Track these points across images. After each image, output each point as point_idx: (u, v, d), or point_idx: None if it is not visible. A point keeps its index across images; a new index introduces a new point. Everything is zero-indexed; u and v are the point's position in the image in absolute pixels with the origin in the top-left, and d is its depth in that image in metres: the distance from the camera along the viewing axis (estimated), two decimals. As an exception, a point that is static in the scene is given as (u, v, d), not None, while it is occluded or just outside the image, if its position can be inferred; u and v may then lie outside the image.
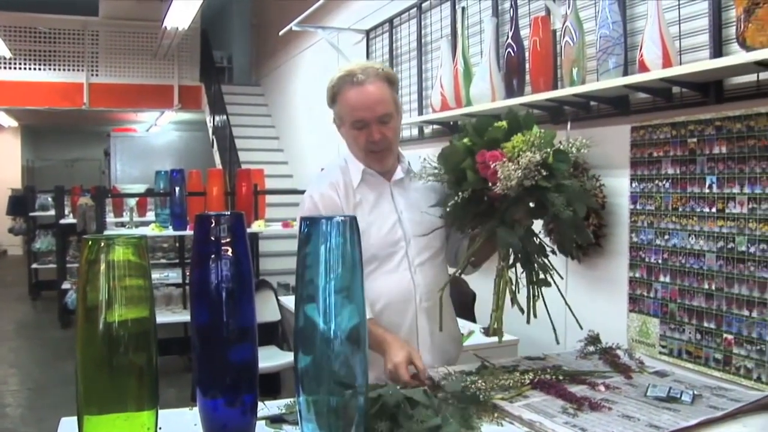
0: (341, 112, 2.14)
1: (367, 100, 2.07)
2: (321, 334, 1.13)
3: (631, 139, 2.97)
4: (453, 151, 1.93)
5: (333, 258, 1.12)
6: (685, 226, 2.70)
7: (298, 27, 6.05)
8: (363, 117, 2.07)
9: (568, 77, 3.07)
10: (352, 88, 2.08)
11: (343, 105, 2.11)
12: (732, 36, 2.39)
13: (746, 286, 2.44)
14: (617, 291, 3.04)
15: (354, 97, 2.08)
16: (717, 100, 2.56)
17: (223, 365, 1.22)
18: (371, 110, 2.07)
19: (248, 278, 1.24)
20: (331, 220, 1.12)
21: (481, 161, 1.83)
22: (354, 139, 2.12)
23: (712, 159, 2.58)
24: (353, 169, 2.16)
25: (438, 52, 4.29)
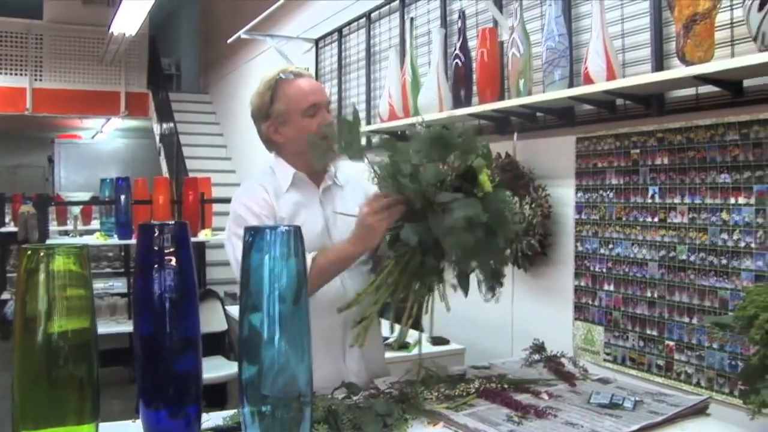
0: (286, 106, 2.08)
1: (316, 85, 2.10)
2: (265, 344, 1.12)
3: (577, 150, 3.02)
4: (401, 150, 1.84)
5: (277, 267, 1.11)
6: (629, 236, 2.75)
7: (248, 35, 6.02)
8: (317, 100, 2.07)
9: (514, 88, 3.10)
10: (296, 79, 2.09)
11: (290, 96, 2.08)
12: (673, 51, 2.45)
13: (686, 294, 2.51)
14: (563, 299, 3.09)
15: (303, 83, 2.09)
16: (659, 112, 2.62)
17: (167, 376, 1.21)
18: (321, 94, 2.09)
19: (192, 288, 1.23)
20: (275, 230, 1.12)
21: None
22: (306, 129, 2.06)
23: (654, 170, 2.64)
24: (283, 173, 2.13)
25: (387, 62, 4.31)
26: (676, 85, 2.48)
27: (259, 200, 2.07)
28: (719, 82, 2.31)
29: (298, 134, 2.09)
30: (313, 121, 2.07)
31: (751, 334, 1.42)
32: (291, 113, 2.09)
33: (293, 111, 2.09)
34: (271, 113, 2.11)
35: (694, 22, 2.22)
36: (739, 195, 2.33)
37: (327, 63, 5.56)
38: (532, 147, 3.33)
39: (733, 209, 2.35)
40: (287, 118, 2.10)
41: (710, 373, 2.41)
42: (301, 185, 2.13)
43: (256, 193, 2.09)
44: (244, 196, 2.10)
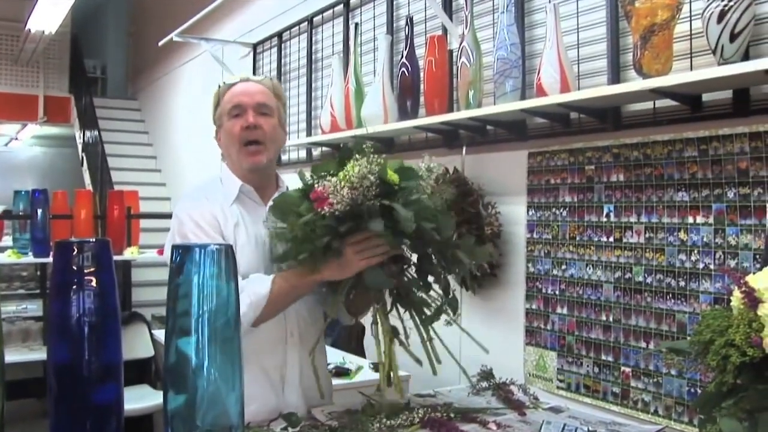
0: (221, 111, 2.17)
1: (248, 89, 2.14)
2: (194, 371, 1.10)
3: (528, 165, 3.04)
4: (285, 200, 1.97)
5: (207, 288, 1.10)
6: (583, 256, 2.78)
7: (180, 38, 5.96)
8: (240, 101, 2.12)
9: (464, 100, 3.12)
10: (236, 85, 2.17)
11: (224, 100, 2.16)
12: (630, 62, 2.49)
13: (643, 317, 2.54)
14: (514, 323, 3.10)
15: (235, 88, 2.16)
16: (615, 126, 2.66)
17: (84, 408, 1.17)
18: (250, 96, 2.13)
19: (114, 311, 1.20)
20: (205, 249, 1.10)
21: (315, 197, 1.85)
22: (229, 131, 2.12)
23: (610, 187, 2.68)
24: (229, 185, 2.14)
25: (329, 69, 4.31)
26: (633, 98, 2.52)
27: (206, 214, 2.05)
28: (677, 96, 2.36)
29: (226, 138, 2.15)
30: (236, 124, 2.11)
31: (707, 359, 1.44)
32: (222, 116, 2.16)
33: (223, 113, 2.16)
34: (215, 119, 2.21)
35: (652, 33, 2.26)
36: (697, 214, 2.38)
37: (265, 69, 5.52)
38: (481, 162, 3.35)
39: (691, 229, 2.39)
40: (221, 121, 2.17)
41: (668, 400, 2.45)
42: (246, 200, 2.14)
43: (203, 207, 2.07)
44: (190, 208, 2.08)
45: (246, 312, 1.87)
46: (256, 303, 1.91)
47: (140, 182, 8.32)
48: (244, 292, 1.87)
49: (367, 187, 1.79)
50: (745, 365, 1.33)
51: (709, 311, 1.52)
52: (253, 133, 2.10)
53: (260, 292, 1.92)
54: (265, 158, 2.13)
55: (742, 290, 1.37)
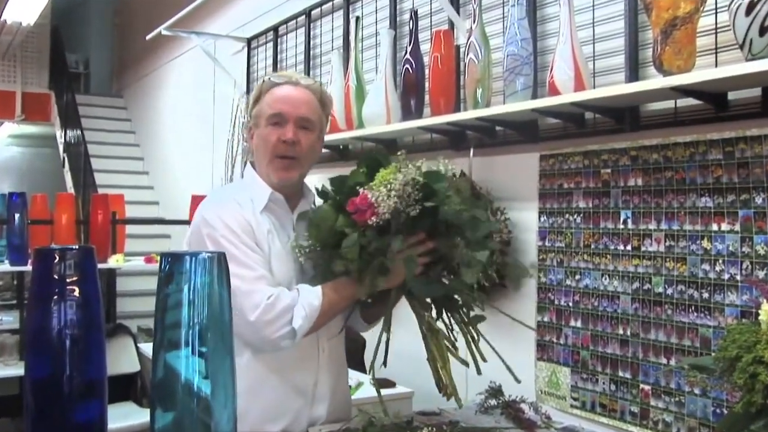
0: (260, 110, 2.15)
1: (293, 97, 2.13)
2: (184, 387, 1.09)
3: (540, 169, 3.03)
4: (321, 216, 2.01)
5: (199, 298, 1.09)
6: (598, 265, 2.77)
7: (169, 31, 5.95)
8: (282, 110, 2.10)
9: (471, 99, 3.11)
10: (283, 85, 2.15)
11: (265, 101, 2.14)
12: (649, 59, 2.48)
13: (663, 332, 2.52)
14: (524, 337, 3.07)
15: (280, 92, 2.13)
16: (632, 127, 2.65)
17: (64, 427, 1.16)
18: (294, 106, 2.11)
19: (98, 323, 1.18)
20: (196, 256, 1.09)
21: (353, 210, 1.91)
22: (264, 138, 2.12)
23: (627, 192, 2.66)
24: (257, 191, 2.13)
25: (328, 66, 4.31)
26: (653, 97, 2.51)
27: (240, 219, 2.05)
28: (701, 95, 2.35)
29: (260, 143, 2.15)
30: (273, 132, 2.11)
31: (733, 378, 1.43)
32: (260, 117, 2.14)
33: (262, 115, 2.14)
34: (251, 114, 2.19)
35: (674, 27, 2.25)
36: (722, 221, 2.36)
37: (260, 66, 5.53)
38: (490, 165, 3.33)
39: (716, 237, 2.38)
40: (258, 122, 2.16)
41: (691, 421, 2.43)
42: (274, 208, 2.14)
43: (236, 210, 2.07)
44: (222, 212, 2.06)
45: (302, 325, 1.95)
46: (310, 315, 1.97)
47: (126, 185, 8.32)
48: (298, 304, 1.96)
49: (409, 194, 1.87)
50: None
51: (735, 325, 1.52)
52: (290, 149, 2.11)
53: (314, 303, 1.98)
54: (296, 174, 2.15)
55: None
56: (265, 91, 2.15)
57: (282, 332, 1.94)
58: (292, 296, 1.97)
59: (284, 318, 1.94)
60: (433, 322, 2.05)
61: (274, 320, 1.93)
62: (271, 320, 1.92)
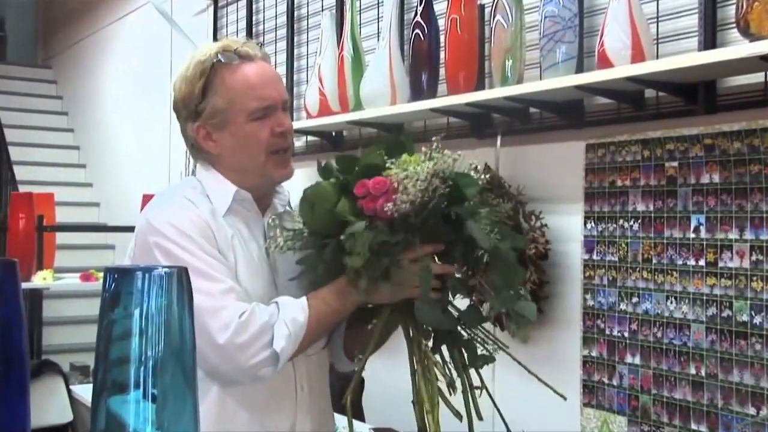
0: (227, 103, 2.10)
1: (271, 76, 2.15)
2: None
3: (587, 162, 3.03)
4: (319, 194, 1.99)
5: (153, 327, 1.08)
6: (662, 285, 2.76)
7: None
8: (272, 98, 2.11)
9: (499, 73, 3.11)
10: (243, 65, 2.12)
11: (234, 88, 2.10)
12: (731, 19, 2.46)
13: (750, 372, 2.50)
14: (566, 376, 3.07)
15: (251, 73, 2.11)
16: (708, 108, 2.63)
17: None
18: (278, 88, 2.14)
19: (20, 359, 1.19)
20: (150, 272, 1.06)
21: (363, 193, 1.90)
22: (253, 135, 2.10)
23: (700, 191, 2.65)
24: (218, 191, 2.14)
25: (317, 31, 4.32)
26: (735, 69, 2.50)
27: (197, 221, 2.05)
28: None
29: (241, 144, 2.12)
30: (264, 127, 2.10)
31: None
32: (232, 114, 2.10)
33: (236, 111, 2.10)
34: (202, 111, 2.12)
35: (767, -22, 2.24)
36: (825, 228, 2.35)
37: (230, 30, 5.55)
38: (522, 157, 3.33)
39: (816, 249, 2.37)
40: (227, 119, 2.11)
41: (783, 487, 2.42)
42: (240, 210, 2.15)
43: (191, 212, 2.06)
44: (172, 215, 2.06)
45: (285, 346, 1.94)
46: (295, 334, 1.97)
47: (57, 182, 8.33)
48: (279, 320, 1.95)
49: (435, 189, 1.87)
50: None
51: None
52: (286, 140, 2.14)
53: (298, 319, 1.98)
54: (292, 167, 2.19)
55: None
56: (219, 78, 2.11)
57: (260, 357, 1.94)
58: (270, 311, 1.97)
59: (262, 339, 1.93)
60: (431, 357, 2.04)
61: (250, 343, 1.92)
62: (245, 343, 1.92)
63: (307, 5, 4.74)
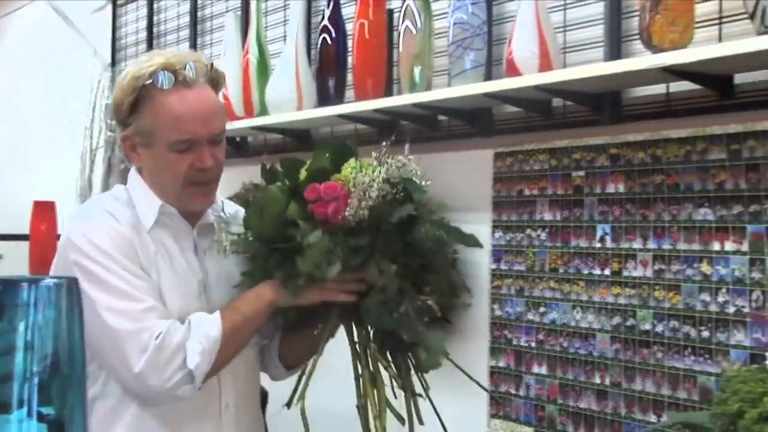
0: (151, 126, 2.06)
1: (201, 110, 2.07)
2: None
3: (495, 170, 3.06)
4: (268, 198, 2.02)
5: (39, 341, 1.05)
6: (568, 295, 2.79)
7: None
8: (196, 133, 2.05)
9: (407, 79, 3.12)
10: (176, 92, 2.05)
11: (159, 116, 2.05)
12: (635, 30, 2.50)
13: (652, 380, 2.54)
14: (474, 387, 3.06)
15: (180, 103, 2.05)
16: (613, 118, 2.67)
17: None
18: (206, 124, 2.07)
19: None
20: (37, 283, 1.04)
21: (314, 197, 1.94)
22: (171, 165, 2.07)
23: (606, 200, 2.69)
24: (144, 205, 2.12)
25: (221, 33, 4.29)
26: (639, 79, 2.54)
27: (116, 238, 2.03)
28: (700, 78, 2.38)
29: (160, 169, 2.10)
30: (182, 160, 2.06)
31: None
32: (155, 138, 2.07)
33: (158, 137, 2.06)
34: (129, 124, 2.10)
35: (668, -10, 2.28)
36: (725, 238, 2.39)
37: (130, 30, 5.49)
38: (430, 164, 3.30)
39: (718, 259, 2.41)
40: (150, 141, 2.08)
41: (685, 495, 2.45)
42: (167, 224, 2.13)
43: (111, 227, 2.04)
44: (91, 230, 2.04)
45: (200, 363, 1.93)
46: (209, 349, 1.96)
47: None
48: (192, 338, 1.94)
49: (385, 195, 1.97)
50: None
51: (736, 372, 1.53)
52: (209, 174, 2.10)
53: (211, 334, 1.97)
54: (215, 195, 2.18)
55: None
56: (149, 99, 2.06)
57: (176, 378, 1.93)
58: (184, 330, 1.96)
59: (176, 360, 1.92)
60: (380, 360, 2.09)
61: (165, 365, 1.91)
62: (161, 366, 1.91)
63: (211, 6, 4.72)
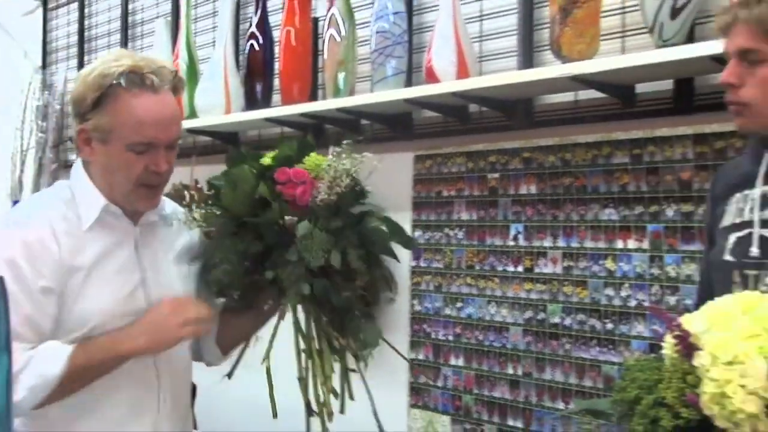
0: (111, 125, 2.02)
1: (165, 116, 2.04)
2: None
3: (415, 172, 3.11)
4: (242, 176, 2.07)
5: None
6: (484, 291, 2.86)
7: None
8: (155, 138, 2.02)
9: (331, 85, 3.16)
10: (142, 95, 2.02)
11: (122, 116, 2.01)
12: (546, 41, 2.57)
13: (561, 370, 2.62)
14: (395, 378, 3.10)
15: (145, 106, 2.02)
16: (525, 124, 2.75)
17: None
18: (167, 130, 2.04)
19: None
20: None
21: (284, 179, 2.02)
22: (126, 164, 2.03)
23: (519, 201, 2.76)
24: (87, 203, 2.08)
25: (151, 37, 4.26)
26: (549, 87, 2.61)
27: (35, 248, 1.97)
28: (605, 86, 2.45)
29: (114, 167, 2.06)
30: (139, 161, 2.03)
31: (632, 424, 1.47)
32: (114, 136, 2.03)
33: (117, 137, 2.03)
34: (89, 119, 2.05)
35: (575, 5, 2.35)
36: (628, 237, 2.48)
37: (61, 34, 5.40)
38: (354, 166, 3.34)
39: (621, 256, 2.49)
40: (108, 138, 2.04)
41: (592, 476, 2.53)
42: (110, 222, 2.09)
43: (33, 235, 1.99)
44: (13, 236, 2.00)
45: (25, 397, 1.86)
46: (39, 387, 1.89)
47: None
48: (27, 370, 1.86)
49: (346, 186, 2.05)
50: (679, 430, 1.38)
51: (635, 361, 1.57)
52: (158, 178, 2.07)
53: (48, 373, 1.89)
54: (161, 197, 2.15)
55: (674, 335, 1.42)
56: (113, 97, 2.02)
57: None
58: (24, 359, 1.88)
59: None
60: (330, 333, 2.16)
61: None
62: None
63: (142, 11, 4.66)
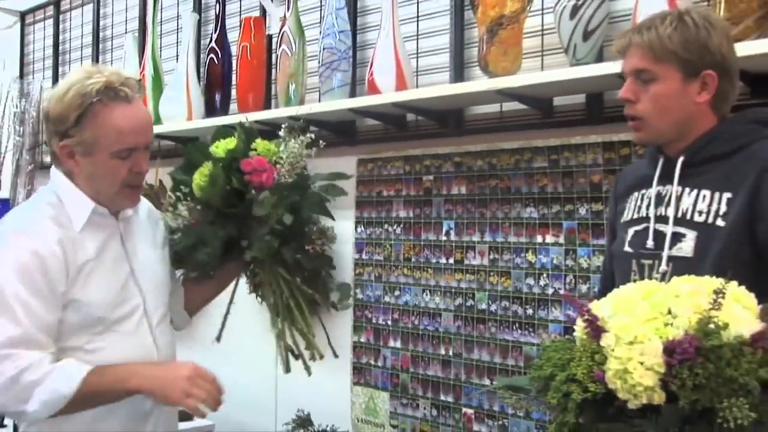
0: (95, 138, 2.01)
1: (141, 123, 2.05)
2: None
3: (358, 174, 3.14)
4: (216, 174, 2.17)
5: None
6: (419, 280, 2.89)
7: None
8: (137, 143, 2.02)
9: (283, 95, 3.18)
10: (119, 106, 2.01)
11: (104, 128, 2.00)
12: (475, 58, 2.61)
13: (487, 351, 2.66)
14: (339, 359, 3.08)
15: (123, 117, 2.01)
16: (457, 132, 2.79)
17: None
18: (145, 135, 2.06)
19: None
20: None
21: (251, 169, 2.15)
22: (112, 171, 2.03)
23: (450, 200, 2.80)
24: (75, 206, 2.06)
25: (121, 51, 4.24)
26: (478, 99, 2.65)
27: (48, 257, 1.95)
28: (527, 99, 2.50)
29: (100, 174, 2.05)
30: (124, 165, 2.03)
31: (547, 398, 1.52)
32: (98, 148, 2.02)
33: (101, 148, 2.01)
34: (72, 135, 2.02)
35: (500, 26, 2.39)
36: (546, 232, 2.53)
37: (38, 47, 5.35)
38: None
39: (541, 249, 2.54)
40: (92, 150, 2.03)
41: (513, 445, 2.57)
42: (98, 222, 2.08)
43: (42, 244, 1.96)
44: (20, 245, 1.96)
45: (37, 410, 1.86)
46: (51, 403, 1.88)
47: None
48: (43, 384, 1.85)
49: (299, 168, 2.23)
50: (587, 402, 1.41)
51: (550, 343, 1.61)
52: (140, 178, 2.09)
53: (60, 390, 1.88)
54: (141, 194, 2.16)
55: (584, 318, 1.47)
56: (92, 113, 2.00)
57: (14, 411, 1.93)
58: (43, 372, 1.87)
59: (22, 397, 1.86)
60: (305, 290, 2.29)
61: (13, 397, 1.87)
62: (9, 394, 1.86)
63: (112, 27, 4.64)
